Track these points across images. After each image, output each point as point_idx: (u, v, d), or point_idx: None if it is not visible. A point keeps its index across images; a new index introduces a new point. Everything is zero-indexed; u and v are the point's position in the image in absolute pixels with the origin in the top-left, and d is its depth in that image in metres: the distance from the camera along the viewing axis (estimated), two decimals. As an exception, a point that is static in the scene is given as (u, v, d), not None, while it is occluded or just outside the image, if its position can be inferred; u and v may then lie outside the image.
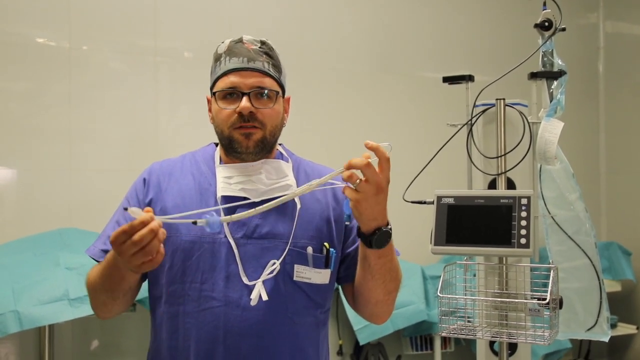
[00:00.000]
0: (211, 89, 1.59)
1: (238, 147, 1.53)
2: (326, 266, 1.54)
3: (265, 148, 1.56)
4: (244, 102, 1.50)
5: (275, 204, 1.35)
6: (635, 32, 4.83)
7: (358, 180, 1.33)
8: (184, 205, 1.54)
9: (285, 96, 1.63)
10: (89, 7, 3.34)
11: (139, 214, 1.24)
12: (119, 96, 3.41)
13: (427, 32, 4.27)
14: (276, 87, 1.56)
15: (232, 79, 1.52)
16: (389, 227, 1.43)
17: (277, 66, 1.58)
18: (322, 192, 1.61)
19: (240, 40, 1.57)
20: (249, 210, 1.35)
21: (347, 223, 1.49)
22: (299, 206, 1.56)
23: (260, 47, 1.57)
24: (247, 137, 1.52)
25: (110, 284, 1.46)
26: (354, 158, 1.33)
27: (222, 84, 1.54)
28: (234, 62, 1.53)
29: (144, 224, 1.24)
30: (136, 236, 1.23)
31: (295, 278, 1.52)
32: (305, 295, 1.54)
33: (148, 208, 1.27)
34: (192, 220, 1.27)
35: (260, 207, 1.35)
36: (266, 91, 1.53)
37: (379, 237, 1.42)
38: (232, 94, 1.53)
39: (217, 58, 1.58)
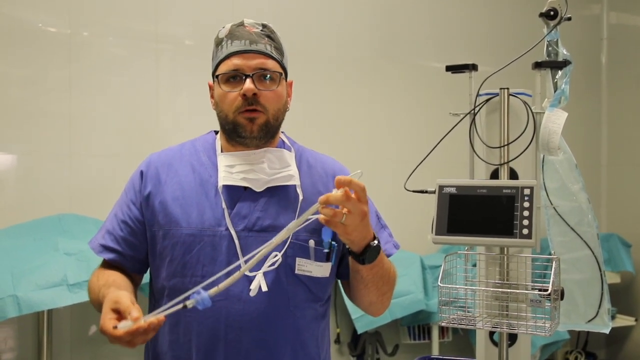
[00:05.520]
0: (213, 73, 1.56)
1: (242, 131, 1.51)
2: (327, 259, 1.53)
3: (269, 133, 1.54)
4: (248, 83, 1.48)
5: (261, 255, 1.29)
6: (638, 24, 4.81)
7: (344, 217, 1.32)
8: (183, 198, 1.53)
9: (287, 80, 1.61)
10: (89, -8, 3.32)
11: (129, 326, 1.22)
12: (119, 82, 3.39)
13: (430, 20, 4.24)
14: (279, 69, 1.54)
15: (234, 62, 1.51)
16: (376, 240, 1.44)
17: (279, 49, 1.56)
18: (324, 185, 1.60)
19: (242, 24, 1.56)
20: (234, 275, 1.27)
21: (326, 250, 1.45)
22: (300, 198, 1.54)
23: (262, 30, 1.55)
24: (251, 122, 1.50)
25: None
26: (330, 195, 1.30)
27: (224, 67, 1.52)
28: (236, 45, 1.51)
29: (137, 331, 1.21)
30: (132, 343, 1.23)
31: (296, 271, 1.51)
32: (305, 288, 1.54)
33: (136, 316, 1.22)
34: (182, 304, 1.22)
35: (244, 267, 1.29)
36: (269, 73, 1.52)
37: (370, 254, 1.43)
38: (235, 77, 1.51)
39: (219, 42, 1.56)
